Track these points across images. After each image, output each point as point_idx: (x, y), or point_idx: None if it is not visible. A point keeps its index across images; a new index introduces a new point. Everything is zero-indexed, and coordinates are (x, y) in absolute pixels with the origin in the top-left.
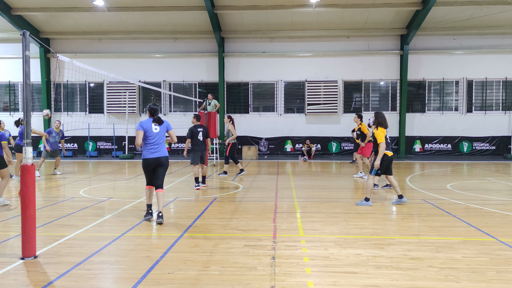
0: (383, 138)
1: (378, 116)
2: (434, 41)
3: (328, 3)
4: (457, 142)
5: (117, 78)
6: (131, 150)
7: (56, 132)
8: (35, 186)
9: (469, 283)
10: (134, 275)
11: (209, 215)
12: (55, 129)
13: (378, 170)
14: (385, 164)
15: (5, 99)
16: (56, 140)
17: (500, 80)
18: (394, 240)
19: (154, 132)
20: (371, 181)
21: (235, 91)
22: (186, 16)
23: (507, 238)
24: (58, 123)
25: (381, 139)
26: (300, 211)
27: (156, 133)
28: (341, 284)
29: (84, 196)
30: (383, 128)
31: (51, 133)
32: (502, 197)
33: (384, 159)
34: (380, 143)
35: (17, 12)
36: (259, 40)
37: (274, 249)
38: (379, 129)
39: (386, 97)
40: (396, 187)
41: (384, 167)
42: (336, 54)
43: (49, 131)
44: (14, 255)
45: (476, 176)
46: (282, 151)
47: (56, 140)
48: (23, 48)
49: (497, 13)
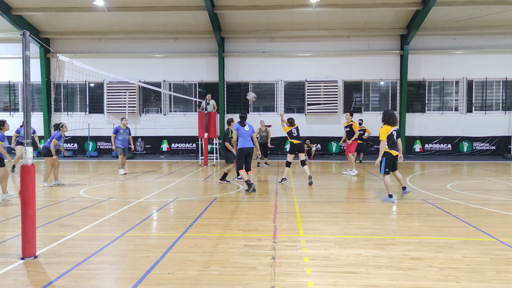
0: (385, 136)
1: (384, 113)
2: (434, 41)
3: (328, 3)
4: (457, 142)
5: (117, 78)
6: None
7: (123, 130)
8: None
9: (469, 283)
10: (134, 275)
11: (209, 215)
12: (122, 127)
13: (386, 168)
14: (390, 162)
15: (5, 99)
16: (125, 137)
17: (500, 80)
18: (394, 240)
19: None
20: (387, 178)
21: (235, 91)
22: (186, 16)
23: (507, 238)
24: (125, 121)
25: (383, 136)
26: (300, 211)
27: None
28: (341, 284)
29: (84, 196)
30: (389, 126)
31: (118, 131)
32: (502, 197)
33: (388, 156)
34: (381, 140)
35: (17, 12)
36: (259, 40)
37: (274, 249)
38: (384, 126)
39: (386, 97)
40: (400, 179)
41: (389, 165)
42: (336, 54)
43: (116, 129)
44: (14, 255)
45: (476, 176)
46: (282, 151)
47: (125, 137)
48: (23, 48)
49: (497, 13)
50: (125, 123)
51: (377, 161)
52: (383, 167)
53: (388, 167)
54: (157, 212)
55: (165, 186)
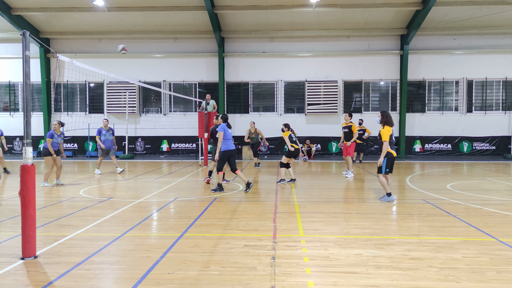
0: (388, 137)
1: (384, 114)
2: (434, 41)
3: (328, 3)
4: (457, 142)
5: (117, 78)
6: (131, 150)
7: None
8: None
9: (469, 283)
10: (134, 275)
11: (209, 215)
12: (104, 127)
13: (387, 168)
14: (390, 162)
15: (5, 99)
16: (107, 137)
17: (500, 80)
18: (394, 240)
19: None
20: (382, 178)
21: (235, 91)
22: (186, 16)
23: (507, 238)
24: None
25: (386, 137)
26: (300, 211)
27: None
28: (341, 284)
29: (84, 196)
30: (389, 127)
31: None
32: (502, 197)
33: (389, 157)
34: (384, 141)
35: (17, 12)
36: (259, 40)
37: (274, 249)
38: (385, 127)
39: (386, 97)
40: (388, 183)
41: (390, 165)
42: (336, 54)
43: (99, 131)
44: (14, 255)
45: (476, 176)
46: (282, 151)
47: (107, 137)
48: (23, 48)
49: (497, 13)
50: (105, 124)
51: (379, 162)
52: (384, 167)
53: (389, 167)
54: (157, 212)
55: (165, 186)
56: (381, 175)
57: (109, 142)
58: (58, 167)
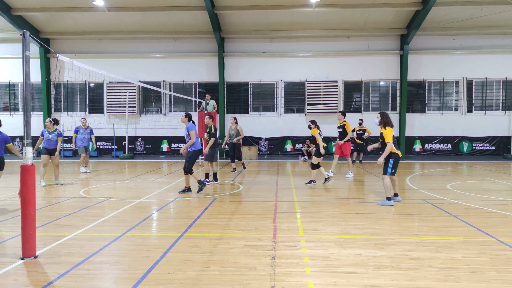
0: (391, 138)
1: (384, 115)
2: (434, 41)
3: (328, 3)
4: (457, 142)
5: (117, 78)
6: (131, 150)
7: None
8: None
9: (469, 283)
10: (134, 275)
11: (209, 215)
12: (82, 126)
13: (393, 169)
14: (397, 162)
15: (5, 99)
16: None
17: (500, 80)
18: (394, 240)
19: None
20: (387, 180)
21: (235, 91)
22: (186, 16)
23: (507, 238)
24: (84, 120)
25: (390, 138)
26: (300, 211)
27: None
28: (341, 284)
29: (84, 196)
30: (391, 128)
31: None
32: (502, 197)
33: (396, 157)
34: (388, 143)
35: (17, 12)
36: (259, 40)
37: (274, 249)
38: (387, 128)
39: (386, 97)
40: (396, 185)
41: (396, 166)
42: (336, 54)
43: (76, 129)
44: (14, 255)
45: (476, 176)
46: (282, 151)
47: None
48: (23, 48)
49: (497, 13)
50: (84, 123)
51: (379, 161)
52: (390, 167)
53: (395, 168)
54: (157, 212)
55: (165, 186)
56: (386, 176)
57: (86, 141)
58: (55, 166)
